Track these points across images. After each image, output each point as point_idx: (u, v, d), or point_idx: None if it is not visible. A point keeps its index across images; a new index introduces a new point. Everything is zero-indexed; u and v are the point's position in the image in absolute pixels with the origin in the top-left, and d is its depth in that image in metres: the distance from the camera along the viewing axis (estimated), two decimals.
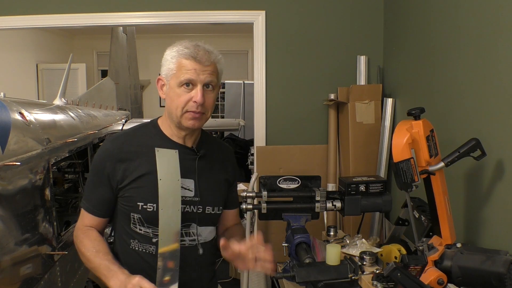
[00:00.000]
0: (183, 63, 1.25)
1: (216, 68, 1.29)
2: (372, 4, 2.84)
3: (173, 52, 1.27)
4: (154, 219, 1.26)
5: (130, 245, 1.32)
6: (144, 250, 1.30)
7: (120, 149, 1.30)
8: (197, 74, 1.24)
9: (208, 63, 1.26)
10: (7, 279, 1.45)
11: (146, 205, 1.27)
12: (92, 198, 1.33)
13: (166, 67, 1.28)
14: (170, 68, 1.27)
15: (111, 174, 1.29)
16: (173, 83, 1.26)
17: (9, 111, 1.67)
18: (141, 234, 1.30)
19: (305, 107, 2.89)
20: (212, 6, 2.83)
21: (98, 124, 2.97)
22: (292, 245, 1.56)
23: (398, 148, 1.43)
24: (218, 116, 8.40)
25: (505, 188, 1.53)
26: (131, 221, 1.30)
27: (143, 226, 1.29)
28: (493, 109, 1.59)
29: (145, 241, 1.30)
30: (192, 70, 1.24)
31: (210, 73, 1.26)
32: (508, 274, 1.31)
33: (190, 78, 1.24)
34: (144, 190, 1.28)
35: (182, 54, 1.26)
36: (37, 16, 2.83)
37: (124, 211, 1.31)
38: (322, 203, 1.71)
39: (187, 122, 1.28)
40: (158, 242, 1.24)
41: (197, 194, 1.33)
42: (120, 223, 1.34)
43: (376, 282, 1.41)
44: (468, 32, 1.78)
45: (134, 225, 1.30)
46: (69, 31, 7.46)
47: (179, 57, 1.26)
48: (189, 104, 1.25)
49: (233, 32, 7.39)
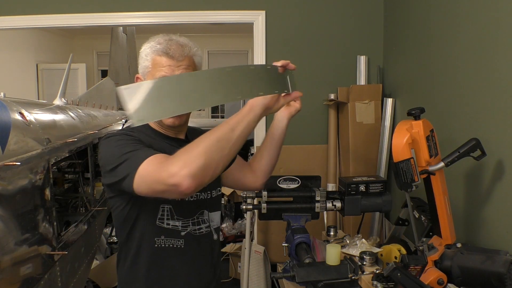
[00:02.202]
0: (157, 60, 1.21)
1: (192, 61, 1.24)
2: (372, 4, 2.84)
3: (147, 49, 1.23)
4: (183, 209, 1.24)
5: (156, 243, 1.25)
6: (172, 245, 1.25)
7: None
8: (172, 71, 1.20)
9: (181, 58, 1.21)
10: (7, 279, 1.45)
11: None
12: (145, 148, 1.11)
13: (141, 65, 1.25)
14: (145, 65, 1.23)
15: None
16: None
17: (9, 111, 1.67)
18: (169, 229, 1.24)
19: (305, 107, 2.86)
20: (212, 6, 2.84)
21: (98, 124, 2.97)
22: (292, 245, 1.56)
23: (398, 148, 1.43)
24: (218, 116, 8.40)
25: (505, 188, 1.53)
26: (159, 214, 1.23)
27: (172, 219, 1.24)
28: (493, 109, 1.59)
29: (173, 235, 1.25)
30: (166, 67, 1.20)
31: (186, 67, 1.22)
32: (508, 274, 1.31)
33: (164, 75, 1.19)
34: None
35: (155, 50, 1.22)
36: (37, 16, 2.83)
37: (152, 204, 1.21)
38: (322, 203, 1.71)
39: (167, 121, 1.25)
40: (186, 235, 1.23)
41: None
42: (143, 223, 1.24)
43: (376, 282, 1.41)
44: (468, 32, 1.78)
45: (161, 219, 1.24)
46: (69, 31, 7.46)
47: (152, 54, 1.22)
48: None
49: (233, 32, 7.39)
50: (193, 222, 1.29)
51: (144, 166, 1.03)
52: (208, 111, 8.62)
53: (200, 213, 1.31)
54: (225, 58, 7.87)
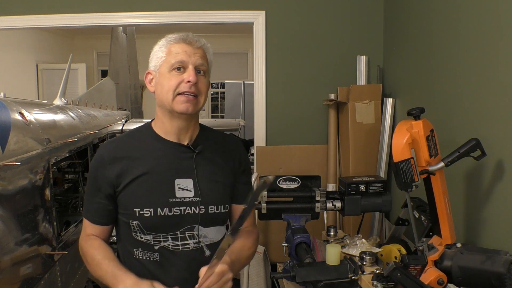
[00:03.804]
0: (173, 48, 1.22)
1: (205, 54, 1.25)
2: (372, 4, 2.84)
3: (162, 42, 1.25)
4: (153, 226, 1.21)
5: (134, 254, 1.26)
6: (148, 258, 1.24)
7: (112, 155, 1.24)
8: (188, 56, 1.20)
9: (198, 45, 1.23)
10: (7, 279, 1.45)
11: (143, 211, 1.21)
12: (92, 207, 1.27)
13: (155, 58, 1.25)
14: (160, 56, 1.23)
15: (106, 181, 1.23)
16: (164, 69, 1.22)
17: (9, 111, 1.67)
18: (143, 242, 1.24)
19: (305, 107, 2.90)
20: (212, 6, 2.84)
21: (98, 124, 2.97)
22: (292, 245, 1.56)
23: (398, 148, 1.43)
24: (218, 116, 8.41)
25: (505, 188, 1.53)
26: (132, 229, 1.24)
27: (144, 234, 1.23)
28: (493, 109, 1.59)
29: (148, 248, 1.24)
30: (182, 52, 1.20)
31: (201, 56, 1.22)
32: (508, 274, 1.31)
33: (181, 59, 1.20)
34: (138, 195, 1.22)
35: (171, 40, 1.23)
36: (37, 16, 2.83)
37: (124, 219, 1.25)
38: (322, 203, 1.71)
39: (180, 106, 1.20)
40: (160, 249, 1.21)
41: (198, 193, 1.24)
42: (123, 233, 1.28)
43: (376, 282, 1.41)
44: (468, 32, 1.78)
45: (135, 233, 1.24)
46: (69, 31, 7.47)
47: (168, 44, 1.23)
48: (181, 85, 1.19)
49: (233, 32, 7.39)
50: (173, 237, 1.24)
51: (81, 235, 1.32)
52: (208, 111, 8.63)
53: (188, 228, 1.24)
54: (225, 58, 7.87)
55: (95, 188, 1.25)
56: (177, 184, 1.24)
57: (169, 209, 1.22)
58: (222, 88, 8.23)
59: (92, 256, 1.23)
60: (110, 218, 1.28)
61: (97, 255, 1.22)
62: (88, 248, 1.25)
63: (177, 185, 1.24)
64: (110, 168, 1.23)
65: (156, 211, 1.21)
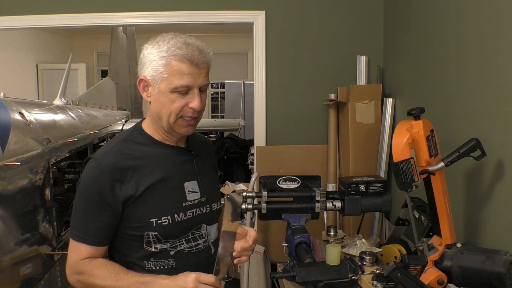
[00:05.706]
0: (177, 66, 1.11)
1: (209, 68, 1.18)
2: (372, 4, 2.84)
3: (162, 52, 1.12)
4: (171, 233, 1.19)
5: (146, 266, 1.20)
6: (162, 266, 1.20)
7: (115, 167, 1.15)
8: (194, 79, 1.12)
9: (204, 65, 1.14)
10: (7, 279, 1.45)
11: (160, 220, 1.17)
12: (89, 226, 1.15)
13: (152, 68, 1.13)
14: (159, 70, 1.12)
15: (113, 196, 1.14)
16: (165, 87, 1.13)
17: (9, 111, 1.67)
18: (157, 252, 1.19)
19: (305, 107, 2.89)
20: (212, 6, 2.84)
21: (98, 124, 2.97)
22: (292, 245, 1.56)
23: (398, 148, 1.43)
24: (218, 116, 8.41)
25: (505, 188, 1.53)
26: (144, 241, 1.18)
27: (160, 243, 1.18)
28: (493, 109, 1.59)
29: (163, 257, 1.20)
30: (188, 75, 1.11)
31: (205, 74, 1.16)
32: (508, 274, 1.31)
33: (187, 84, 1.12)
34: (153, 204, 1.17)
35: (174, 55, 1.11)
36: (37, 16, 2.83)
37: (134, 232, 1.18)
38: (322, 203, 1.71)
39: (181, 129, 1.18)
40: (176, 254, 1.20)
41: (203, 194, 1.27)
42: (130, 247, 1.20)
43: (376, 282, 1.41)
44: (468, 32, 1.78)
45: (148, 244, 1.18)
46: (69, 31, 7.46)
47: (169, 58, 1.11)
48: (185, 109, 1.15)
49: (233, 32, 7.39)
50: (186, 240, 1.23)
51: (70, 261, 1.17)
52: (208, 111, 8.63)
53: (197, 228, 1.25)
54: (225, 58, 7.87)
55: (99, 206, 1.14)
56: (186, 188, 1.25)
57: (184, 213, 1.22)
58: (222, 88, 8.24)
59: (102, 276, 1.11)
60: (110, 237, 1.19)
61: (109, 273, 1.12)
62: (92, 270, 1.13)
63: (187, 189, 1.25)
64: (115, 183, 1.14)
65: (174, 217, 1.20)
